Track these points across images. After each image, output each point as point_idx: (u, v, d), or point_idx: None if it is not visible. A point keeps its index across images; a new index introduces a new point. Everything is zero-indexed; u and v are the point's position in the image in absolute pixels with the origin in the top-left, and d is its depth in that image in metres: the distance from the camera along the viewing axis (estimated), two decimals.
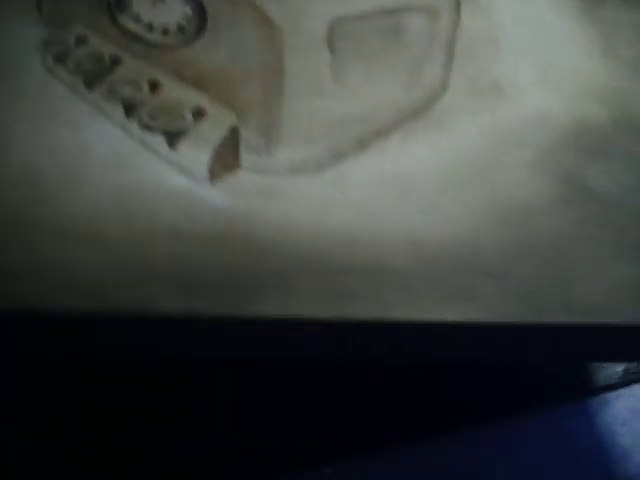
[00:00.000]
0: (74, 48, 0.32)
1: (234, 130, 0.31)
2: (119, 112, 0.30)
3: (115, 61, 0.32)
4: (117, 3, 0.33)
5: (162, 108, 0.31)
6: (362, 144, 0.31)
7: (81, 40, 0.32)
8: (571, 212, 0.31)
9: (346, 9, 0.35)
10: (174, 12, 0.33)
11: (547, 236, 0.30)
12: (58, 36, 0.32)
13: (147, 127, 0.30)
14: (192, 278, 0.27)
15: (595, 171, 0.33)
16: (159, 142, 0.30)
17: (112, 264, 0.27)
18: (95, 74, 0.31)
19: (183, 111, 0.31)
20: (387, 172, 0.31)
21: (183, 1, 0.34)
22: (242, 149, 0.30)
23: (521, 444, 0.42)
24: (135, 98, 0.31)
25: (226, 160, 0.30)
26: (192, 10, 0.34)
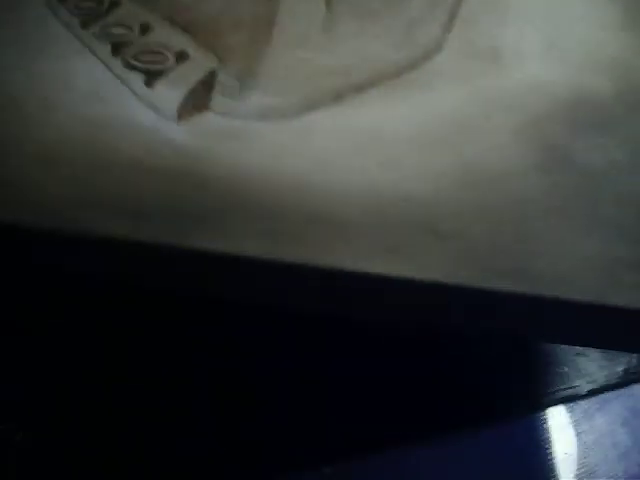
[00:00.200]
0: None
1: (212, 74, 0.31)
2: (106, 50, 0.32)
3: (113, 4, 0.33)
4: None
5: (148, 49, 0.32)
6: (338, 97, 0.31)
7: None
8: (545, 180, 0.30)
9: None
10: None
11: (513, 202, 0.29)
12: None
13: (130, 65, 0.31)
14: (138, 207, 0.28)
15: (585, 144, 0.31)
16: (138, 80, 0.31)
17: (67, 187, 0.28)
18: (92, 15, 0.33)
19: (167, 53, 0.32)
20: (356, 126, 0.30)
21: None
22: (216, 92, 0.31)
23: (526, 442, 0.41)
24: (124, 38, 0.32)
25: (198, 102, 0.31)
26: None
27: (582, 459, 0.40)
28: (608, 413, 0.41)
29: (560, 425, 0.40)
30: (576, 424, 0.40)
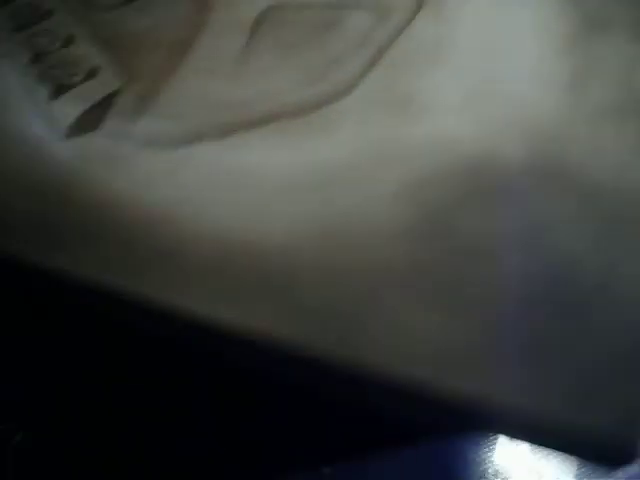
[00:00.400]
0: None
1: (113, 94, 0.32)
2: (27, 57, 0.33)
3: (48, 13, 0.34)
4: None
5: (64, 62, 0.33)
6: (228, 131, 0.31)
7: None
8: (415, 247, 0.29)
9: None
10: None
11: (370, 266, 0.28)
12: None
13: (42, 76, 0.32)
14: (6, 219, 0.29)
15: (473, 214, 0.30)
16: (45, 92, 0.32)
17: None
18: (24, 22, 0.34)
19: (80, 68, 0.33)
20: (236, 163, 0.30)
21: None
22: (111, 113, 0.32)
23: None
24: (46, 48, 0.33)
25: (93, 120, 0.31)
26: None
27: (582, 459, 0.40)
28: None
29: None
30: None
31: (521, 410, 0.26)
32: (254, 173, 0.30)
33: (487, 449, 0.37)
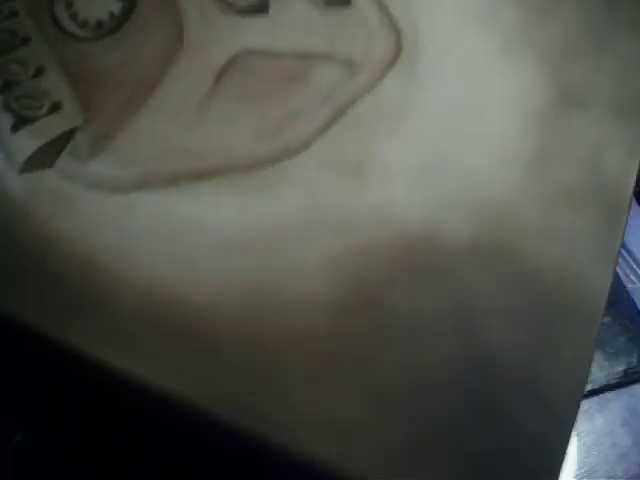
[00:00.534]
0: (2, 20, 0.36)
1: (72, 131, 0.32)
2: None
3: (24, 40, 0.35)
4: None
5: (31, 93, 0.33)
6: (174, 180, 0.31)
7: (12, 14, 0.36)
8: (336, 321, 0.29)
9: (263, 43, 0.35)
10: (104, 7, 0.36)
11: (285, 331, 0.28)
12: None
13: (7, 106, 0.33)
14: None
15: (404, 291, 0.30)
16: (7, 123, 0.33)
17: None
18: (2, 49, 0.35)
19: (45, 101, 0.33)
20: (175, 215, 0.30)
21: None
22: (67, 151, 0.32)
23: None
24: (16, 77, 0.34)
25: (47, 157, 0.32)
26: (122, 9, 0.36)
27: (582, 459, 0.40)
28: (608, 413, 0.41)
29: None
30: (576, 424, 0.40)
31: None
32: (194, 227, 0.30)
33: None
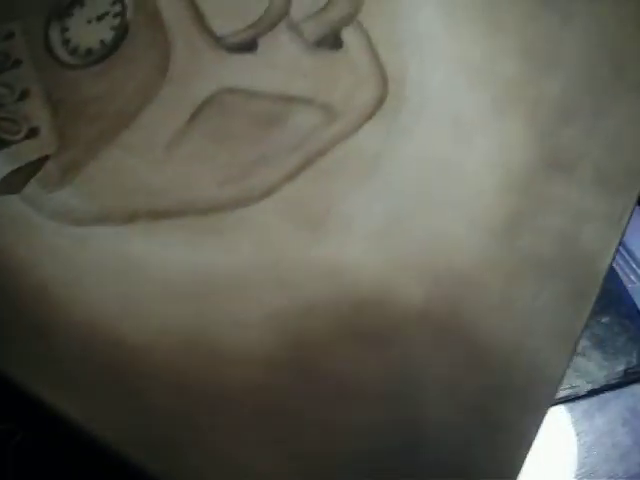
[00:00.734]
0: None
1: (44, 159, 0.33)
2: None
3: (15, 63, 0.36)
4: (58, 12, 0.37)
5: (12, 117, 0.34)
6: (133, 218, 0.31)
7: (8, 36, 0.37)
8: (263, 375, 0.28)
9: (245, 82, 0.34)
10: (97, 35, 0.36)
11: (215, 383, 0.28)
12: None
13: None
14: None
15: (344, 355, 0.29)
16: None
17: None
18: None
19: (23, 126, 0.34)
20: (124, 254, 0.30)
21: (111, 28, 0.36)
22: (37, 178, 0.33)
23: None
24: (3, 99, 0.35)
25: (16, 183, 0.32)
26: (113, 37, 0.36)
27: (582, 459, 0.40)
28: (608, 413, 0.41)
29: (560, 425, 0.41)
30: (576, 424, 0.41)
31: None
32: (143, 266, 0.30)
33: None
